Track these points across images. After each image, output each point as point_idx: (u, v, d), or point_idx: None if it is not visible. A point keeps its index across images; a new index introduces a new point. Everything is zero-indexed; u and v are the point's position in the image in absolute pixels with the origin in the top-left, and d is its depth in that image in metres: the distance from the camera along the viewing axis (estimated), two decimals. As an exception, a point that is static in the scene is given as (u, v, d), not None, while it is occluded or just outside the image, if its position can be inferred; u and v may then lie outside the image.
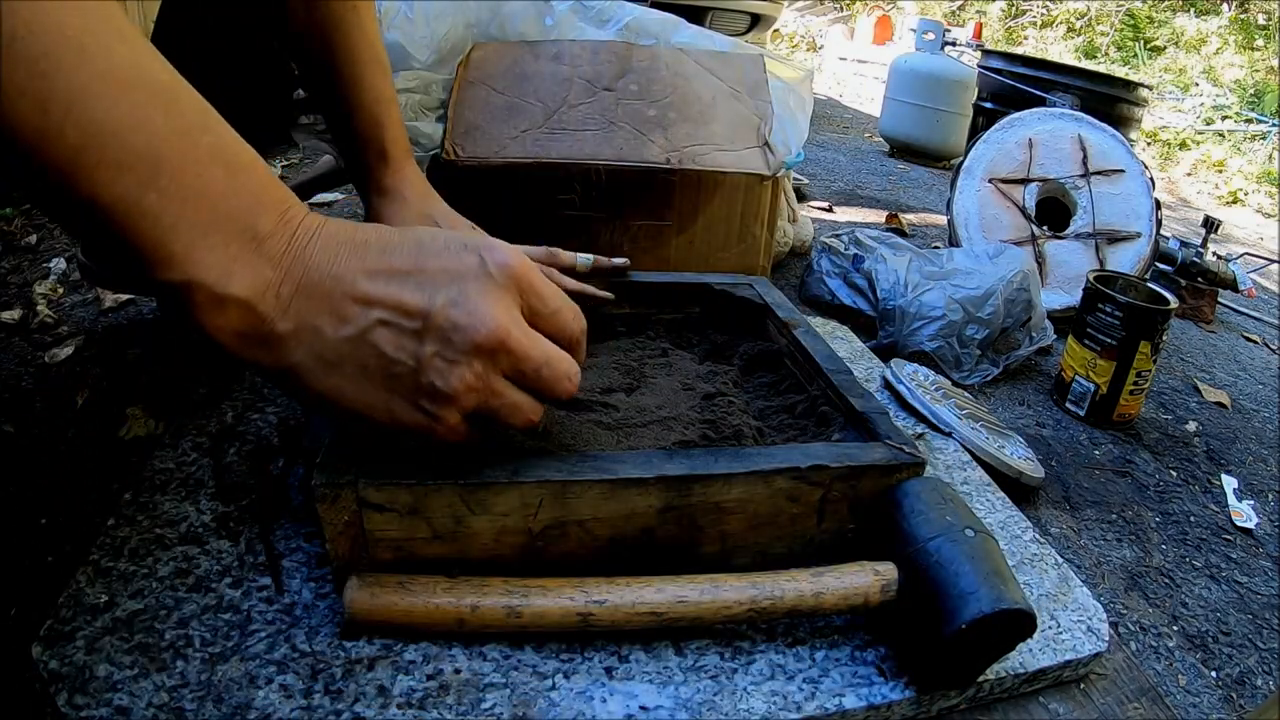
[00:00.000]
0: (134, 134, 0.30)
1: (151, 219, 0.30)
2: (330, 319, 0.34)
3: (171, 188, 0.31)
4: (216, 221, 0.32)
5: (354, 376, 0.35)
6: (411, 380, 0.35)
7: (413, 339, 0.35)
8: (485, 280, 0.36)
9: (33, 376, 0.87)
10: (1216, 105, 4.57)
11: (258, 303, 0.33)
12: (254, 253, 0.33)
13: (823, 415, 0.55)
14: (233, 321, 0.33)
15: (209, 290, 0.32)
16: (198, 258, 0.32)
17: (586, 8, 1.13)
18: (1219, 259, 1.79)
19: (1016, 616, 0.40)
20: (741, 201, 0.95)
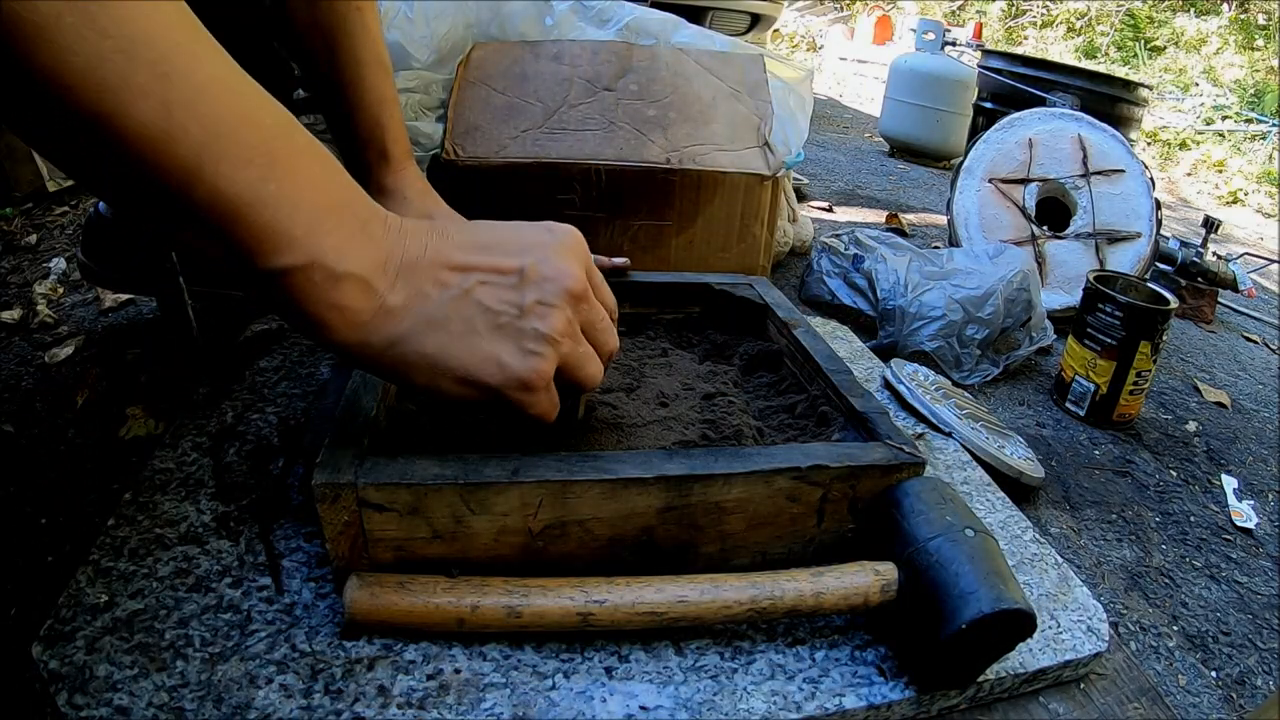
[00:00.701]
0: (250, 130, 0.32)
1: (273, 207, 0.32)
2: (434, 286, 0.37)
3: (286, 178, 0.33)
4: (329, 207, 0.35)
5: (461, 334, 0.37)
6: (515, 327, 0.38)
7: (513, 290, 0.38)
8: (560, 246, 0.40)
9: (33, 376, 0.87)
10: (1216, 105, 4.57)
11: (372, 278, 0.36)
12: (362, 235, 0.36)
13: (823, 415, 0.55)
14: (348, 298, 0.35)
15: (328, 269, 0.34)
16: (317, 239, 0.34)
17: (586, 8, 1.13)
18: (1219, 259, 1.79)
19: (1016, 616, 0.40)
20: (741, 201, 0.95)
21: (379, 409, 0.46)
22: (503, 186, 0.91)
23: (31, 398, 0.83)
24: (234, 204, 0.31)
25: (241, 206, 0.31)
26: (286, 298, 0.34)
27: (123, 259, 0.86)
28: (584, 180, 0.92)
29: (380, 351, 0.37)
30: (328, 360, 0.69)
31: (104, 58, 0.28)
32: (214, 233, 0.32)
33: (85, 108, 0.28)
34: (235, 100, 0.32)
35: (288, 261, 0.33)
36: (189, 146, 0.30)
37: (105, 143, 0.29)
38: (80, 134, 0.29)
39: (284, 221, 0.33)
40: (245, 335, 0.73)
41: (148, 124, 0.29)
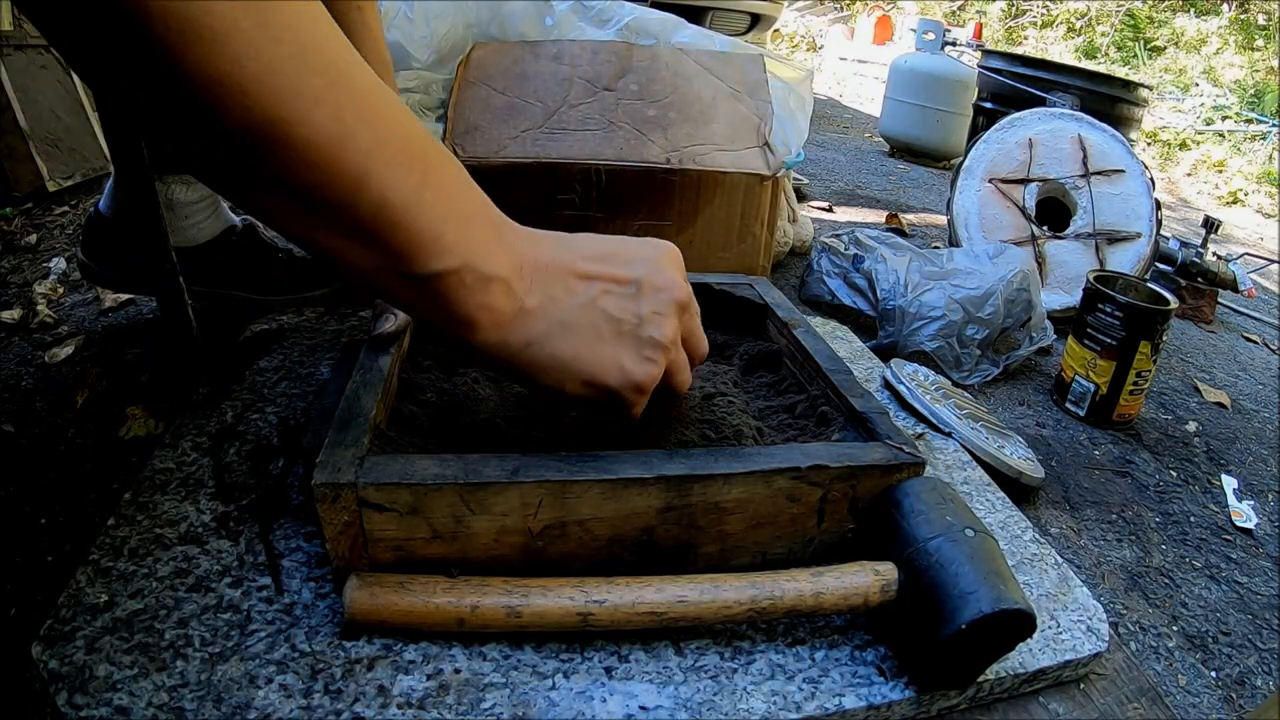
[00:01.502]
0: (409, 137, 0.33)
1: (429, 213, 0.33)
2: (564, 292, 0.39)
3: (439, 185, 0.34)
4: (474, 213, 0.36)
5: (588, 338, 0.40)
6: (635, 335, 0.41)
7: (632, 300, 0.41)
8: (666, 259, 0.43)
9: (33, 376, 0.87)
10: (1216, 105, 4.57)
11: (514, 280, 0.37)
12: (500, 240, 0.37)
13: (823, 415, 0.55)
14: (495, 299, 0.37)
15: (479, 272, 0.35)
16: (467, 244, 0.35)
17: (586, 8, 1.13)
18: (1219, 259, 1.79)
19: (1016, 616, 0.40)
20: (741, 201, 0.95)
21: (379, 409, 0.46)
22: (503, 186, 0.91)
23: (31, 398, 0.83)
24: (397, 209, 0.32)
25: (403, 212, 0.32)
26: (440, 299, 0.35)
27: (123, 259, 0.86)
28: (584, 180, 0.92)
29: (517, 351, 0.38)
30: (328, 360, 0.69)
31: (279, 64, 0.28)
32: (371, 239, 0.32)
33: (259, 114, 0.28)
34: (392, 108, 0.32)
35: (444, 265, 0.34)
36: (359, 153, 0.30)
37: (275, 150, 0.29)
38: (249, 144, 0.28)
39: (440, 226, 0.34)
40: (245, 335, 0.73)
41: (321, 129, 0.29)
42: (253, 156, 0.29)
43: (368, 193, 0.31)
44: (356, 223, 0.32)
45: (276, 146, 0.29)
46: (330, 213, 0.31)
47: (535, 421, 0.51)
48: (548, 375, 0.40)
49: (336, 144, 0.30)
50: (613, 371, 0.40)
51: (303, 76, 0.28)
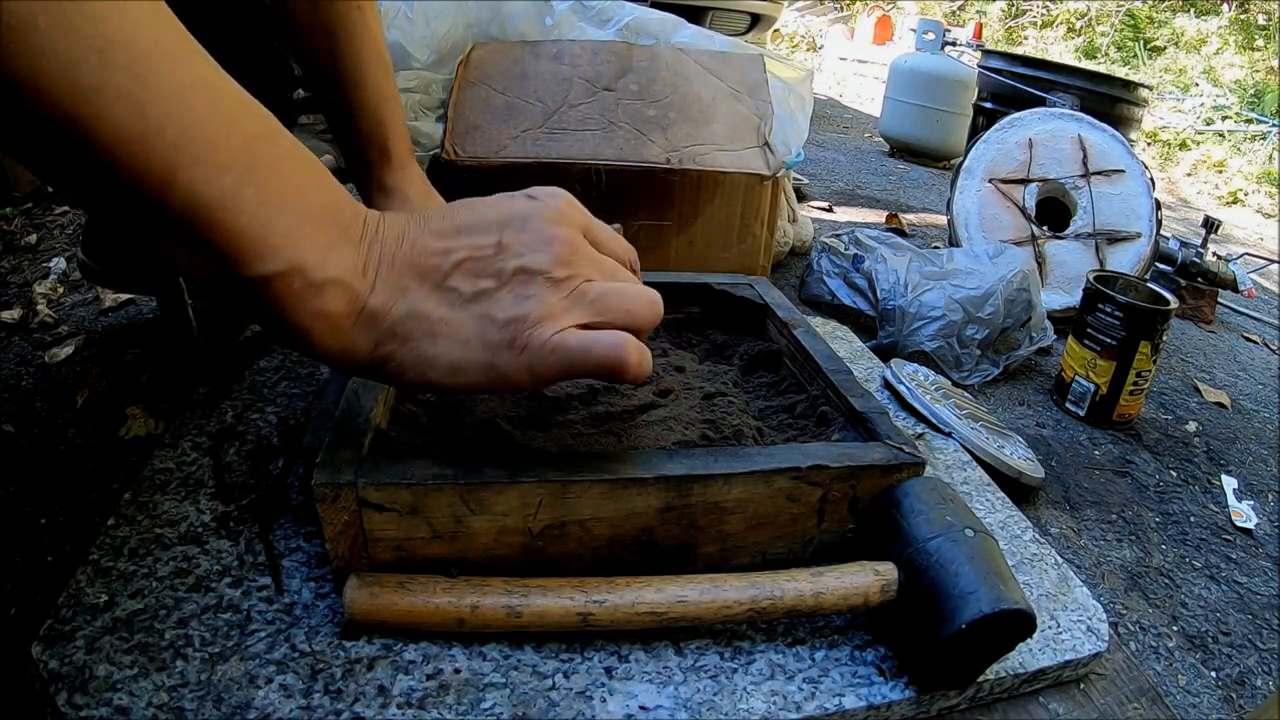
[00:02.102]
0: (230, 134, 0.31)
1: (251, 213, 0.31)
2: (413, 279, 0.36)
3: (267, 184, 0.32)
4: (309, 213, 0.34)
5: (443, 321, 0.36)
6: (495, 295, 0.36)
7: (492, 260, 0.36)
8: (546, 211, 0.38)
9: (33, 376, 0.87)
10: (1216, 105, 4.57)
11: (353, 281, 0.34)
12: (342, 240, 0.35)
13: (823, 415, 0.55)
14: (330, 304, 0.34)
15: (308, 276, 0.33)
16: (296, 246, 0.33)
17: (586, 8, 1.13)
18: (1219, 259, 1.79)
19: (1016, 616, 0.40)
20: (741, 201, 0.95)
21: (379, 409, 0.46)
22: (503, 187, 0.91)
23: (31, 398, 0.83)
24: (211, 209, 0.30)
25: (218, 212, 0.30)
26: (267, 306, 0.33)
27: (123, 258, 0.86)
28: (584, 180, 0.92)
29: (367, 355, 0.35)
30: (328, 360, 0.69)
31: (78, 59, 0.27)
32: (192, 240, 0.31)
33: (59, 110, 0.27)
34: (214, 103, 0.31)
35: (268, 269, 0.32)
36: (164, 150, 0.29)
37: (79, 146, 0.28)
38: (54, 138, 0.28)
39: (263, 228, 0.32)
40: (245, 335, 0.73)
41: (122, 126, 0.28)
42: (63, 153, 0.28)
43: (177, 190, 0.29)
44: (172, 222, 0.30)
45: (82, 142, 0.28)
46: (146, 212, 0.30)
47: (536, 421, 0.51)
48: (409, 373, 0.36)
49: (140, 140, 0.28)
50: (474, 343, 0.36)
51: (105, 72, 0.27)
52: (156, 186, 0.29)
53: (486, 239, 0.37)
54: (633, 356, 0.37)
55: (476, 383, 0.36)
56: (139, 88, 0.28)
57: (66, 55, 0.27)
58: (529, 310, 0.36)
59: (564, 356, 0.36)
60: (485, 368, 0.36)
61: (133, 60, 0.28)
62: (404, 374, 0.36)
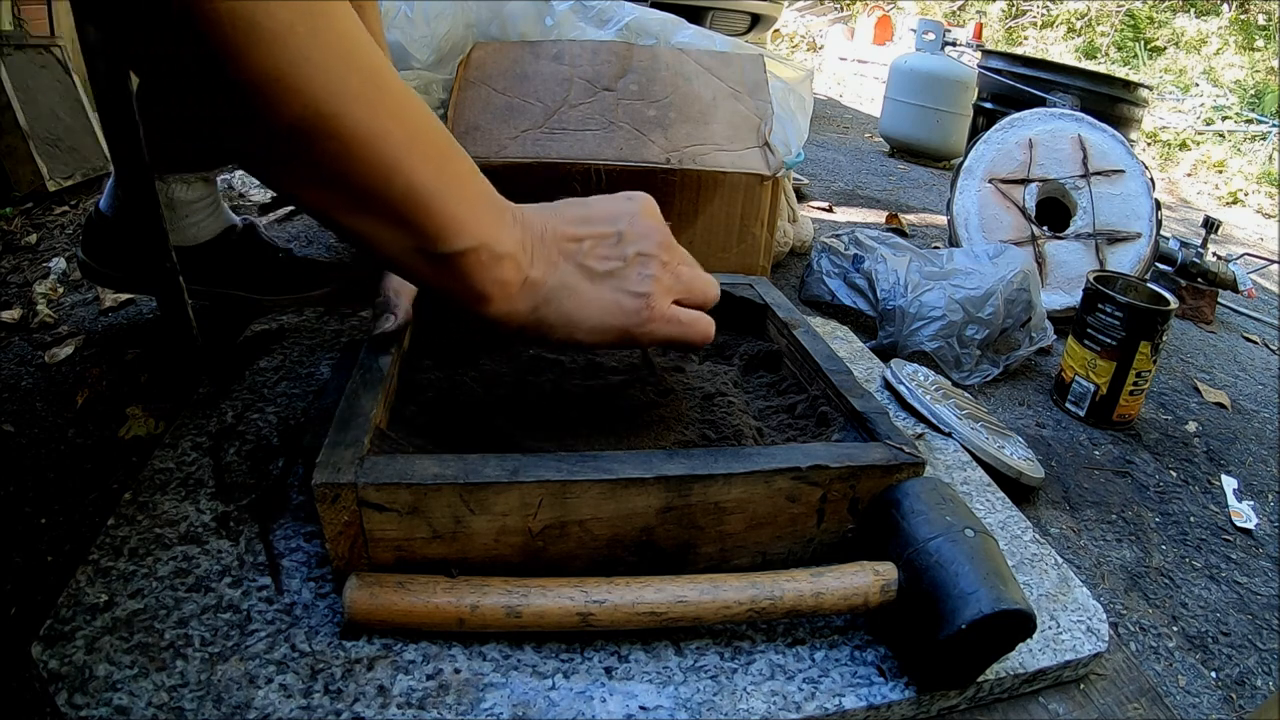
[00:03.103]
0: (430, 132, 0.37)
1: (450, 198, 0.38)
2: (560, 256, 0.44)
3: (457, 175, 0.39)
4: (482, 198, 0.41)
5: (586, 290, 0.44)
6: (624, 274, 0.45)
7: (616, 246, 0.45)
8: (640, 211, 0.47)
9: (33, 376, 0.87)
10: (1217, 106, 4.57)
11: (520, 255, 0.42)
12: (505, 221, 0.42)
13: (823, 415, 0.55)
14: (506, 273, 0.41)
15: (492, 250, 0.40)
16: (483, 226, 0.39)
17: (586, 8, 1.13)
18: (1219, 259, 1.79)
19: (1016, 617, 0.40)
20: (741, 201, 0.95)
21: (379, 409, 0.46)
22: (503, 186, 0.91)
23: (31, 398, 0.83)
24: (424, 195, 0.36)
25: (428, 198, 0.36)
26: (460, 276, 0.39)
27: (123, 258, 0.86)
28: (584, 180, 0.92)
29: (525, 316, 0.43)
30: (328, 360, 0.69)
31: (327, 64, 0.31)
32: (401, 222, 0.36)
33: (310, 110, 0.31)
34: (416, 103, 0.36)
35: (464, 245, 0.38)
36: (393, 144, 0.34)
37: (319, 142, 0.32)
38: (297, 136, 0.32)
39: (459, 210, 0.38)
40: (245, 335, 0.73)
41: (360, 123, 0.33)
42: (300, 148, 0.32)
43: (399, 181, 0.35)
44: (388, 208, 0.36)
45: (321, 138, 0.32)
46: (366, 199, 0.35)
47: (536, 421, 0.51)
48: (558, 331, 0.44)
49: (373, 137, 0.33)
50: (613, 310, 0.44)
51: (346, 76, 0.32)
52: (382, 177, 0.35)
53: (609, 228, 0.45)
54: (712, 331, 0.49)
55: (609, 340, 0.45)
56: (373, 91, 0.33)
57: (320, 60, 0.31)
58: (649, 287, 0.45)
59: (679, 326, 0.47)
60: (619, 330, 0.45)
61: (365, 66, 0.33)
62: (554, 332, 0.44)
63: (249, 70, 0.29)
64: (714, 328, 0.48)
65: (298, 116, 0.31)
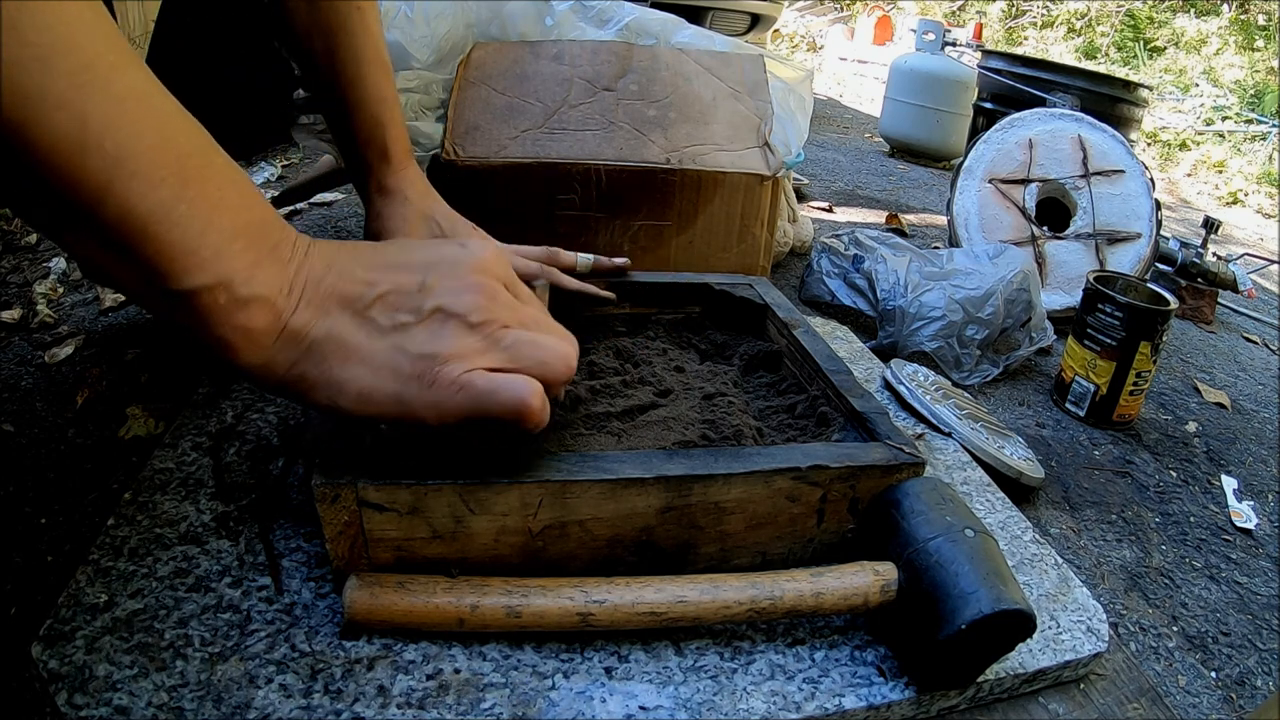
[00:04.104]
0: (164, 149, 0.31)
1: (183, 227, 0.32)
2: (336, 305, 0.37)
3: (199, 200, 0.32)
4: (238, 230, 0.34)
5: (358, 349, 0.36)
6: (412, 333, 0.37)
7: (412, 298, 0.37)
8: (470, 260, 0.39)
9: (33, 376, 0.87)
10: (1217, 106, 4.57)
11: (277, 299, 0.35)
12: (269, 258, 0.35)
13: (823, 415, 0.55)
14: (254, 320, 0.35)
15: (234, 291, 0.34)
16: (225, 262, 0.33)
17: (586, 8, 1.13)
18: (1219, 259, 1.79)
19: (1016, 617, 0.40)
20: (741, 201, 0.95)
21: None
22: (503, 187, 0.91)
23: (31, 398, 0.83)
24: (144, 222, 0.31)
25: (151, 225, 0.31)
26: (193, 319, 0.34)
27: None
28: (584, 180, 0.92)
29: (283, 372, 0.36)
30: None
31: (22, 65, 0.27)
32: (122, 251, 0.31)
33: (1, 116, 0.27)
34: (152, 116, 0.31)
35: (195, 283, 0.32)
36: (102, 161, 0.29)
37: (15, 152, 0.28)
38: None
39: (193, 242, 0.32)
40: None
41: (62, 136, 0.28)
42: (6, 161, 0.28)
43: (112, 202, 0.30)
44: (104, 233, 0.31)
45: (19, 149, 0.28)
46: (79, 221, 0.30)
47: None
48: (320, 394, 0.37)
49: (78, 150, 0.28)
50: (384, 373, 0.36)
51: (48, 80, 0.28)
52: (91, 197, 0.29)
53: (411, 277, 0.38)
54: (536, 403, 0.37)
55: (382, 412, 0.37)
56: (80, 97, 0.28)
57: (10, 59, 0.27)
58: (441, 348, 0.36)
59: (470, 395, 0.36)
60: (392, 397, 0.36)
61: (75, 69, 0.28)
62: (314, 394, 0.37)
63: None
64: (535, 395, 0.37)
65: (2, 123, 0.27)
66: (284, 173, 1.67)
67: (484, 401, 0.36)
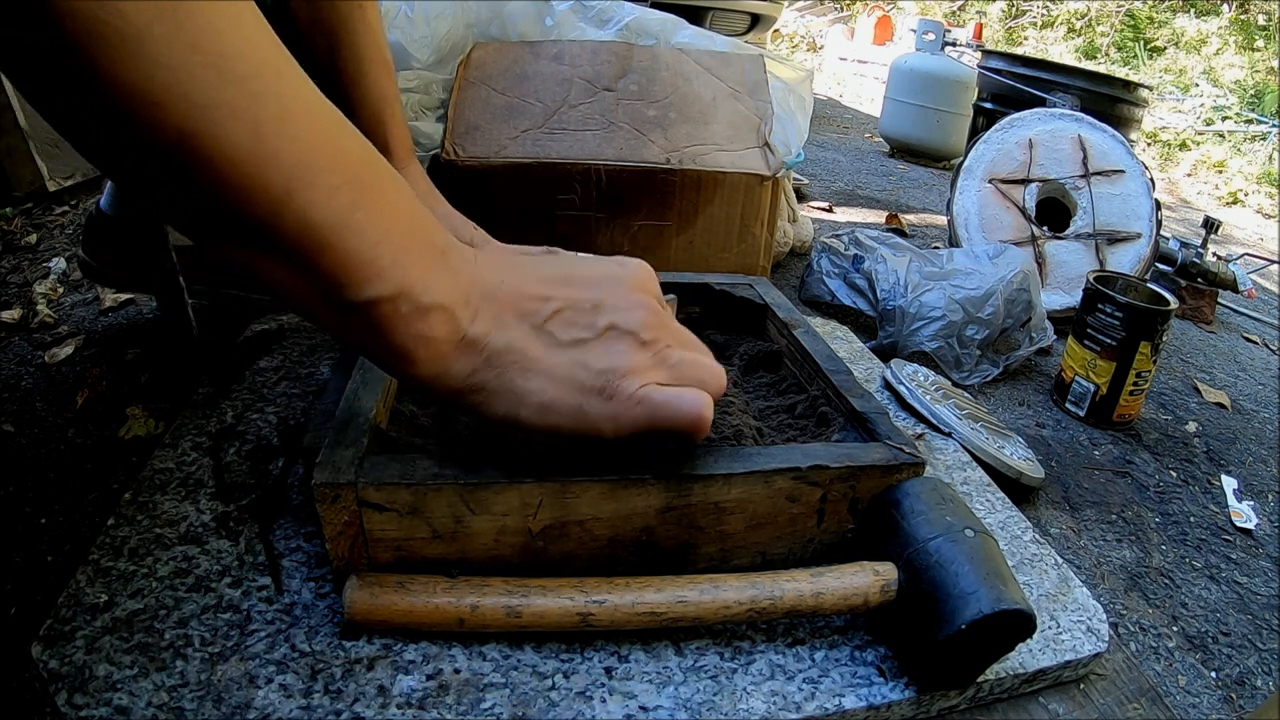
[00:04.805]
0: (339, 157, 0.31)
1: (360, 236, 0.31)
2: (514, 316, 0.37)
3: (374, 208, 0.32)
4: (412, 237, 0.34)
5: (539, 361, 0.37)
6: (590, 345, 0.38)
7: (589, 314, 0.38)
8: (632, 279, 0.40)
9: (33, 376, 0.87)
10: (1217, 106, 4.57)
11: (457, 308, 0.35)
12: (443, 266, 0.35)
13: (823, 415, 0.55)
14: (434, 329, 0.34)
15: (415, 300, 0.33)
16: (403, 270, 0.33)
17: (586, 8, 1.13)
18: (1219, 259, 1.79)
19: (1016, 617, 0.40)
20: (741, 201, 0.95)
21: (379, 409, 0.46)
22: (503, 186, 0.91)
23: (31, 398, 0.83)
24: (323, 232, 0.30)
25: (331, 235, 0.30)
26: (370, 330, 0.33)
27: (124, 257, 0.86)
28: (584, 180, 0.92)
29: (461, 383, 0.36)
30: (328, 360, 0.69)
31: (193, 73, 0.26)
32: (299, 263, 0.30)
33: (171, 126, 0.26)
34: (321, 122, 0.30)
35: (376, 292, 0.32)
36: (280, 171, 0.28)
37: (189, 166, 0.27)
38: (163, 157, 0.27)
39: (372, 251, 0.31)
40: (245, 335, 0.73)
41: (237, 146, 0.27)
42: (173, 173, 0.27)
43: (291, 213, 0.29)
44: (282, 245, 0.30)
45: (193, 162, 0.27)
46: (255, 235, 0.29)
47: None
48: (498, 404, 0.37)
49: (255, 160, 0.28)
50: (567, 386, 0.37)
51: (219, 87, 0.26)
52: (269, 209, 0.29)
53: (584, 293, 0.38)
54: (708, 415, 0.38)
55: (562, 424, 0.37)
56: (256, 106, 0.27)
57: (182, 68, 0.25)
58: (619, 363, 0.37)
59: (648, 409, 0.37)
60: (574, 411, 0.37)
61: (246, 75, 0.27)
62: (493, 405, 0.37)
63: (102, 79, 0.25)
64: (708, 407, 0.39)
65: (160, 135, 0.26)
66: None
67: (661, 414, 0.38)
